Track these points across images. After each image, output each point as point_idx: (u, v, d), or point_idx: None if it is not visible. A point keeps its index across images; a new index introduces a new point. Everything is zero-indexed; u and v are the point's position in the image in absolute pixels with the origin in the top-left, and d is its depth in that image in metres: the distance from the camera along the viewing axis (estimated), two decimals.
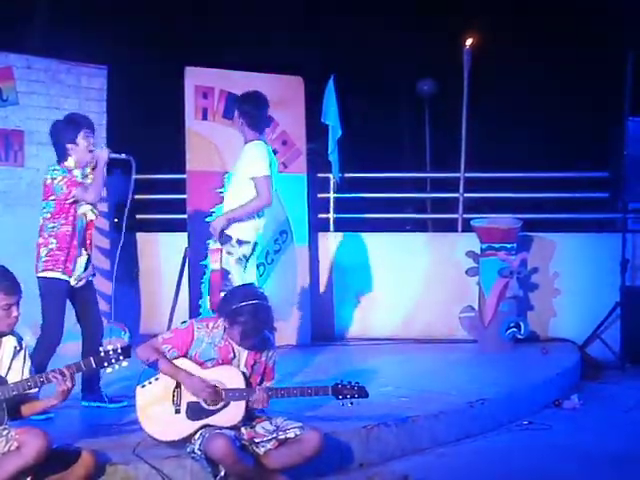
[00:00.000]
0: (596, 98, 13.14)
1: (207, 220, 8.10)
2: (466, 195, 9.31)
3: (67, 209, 5.89)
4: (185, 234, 8.39)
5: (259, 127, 6.46)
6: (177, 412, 4.99)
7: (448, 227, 9.69)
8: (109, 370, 4.76)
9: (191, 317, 7.69)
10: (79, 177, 5.95)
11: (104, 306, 6.91)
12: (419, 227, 10.95)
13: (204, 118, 8.37)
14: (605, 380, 7.91)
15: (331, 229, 9.33)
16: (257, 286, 5.58)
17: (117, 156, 6.04)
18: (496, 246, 8.28)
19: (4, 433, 4.46)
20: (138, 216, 9.09)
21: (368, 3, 14.95)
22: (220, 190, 8.19)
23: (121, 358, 4.70)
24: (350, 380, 5.17)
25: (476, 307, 8.43)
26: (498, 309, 8.28)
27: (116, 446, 5.05)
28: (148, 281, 9.06)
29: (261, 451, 4.94)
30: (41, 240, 5.92)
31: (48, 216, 5.90)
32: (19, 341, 4.71)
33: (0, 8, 11.59)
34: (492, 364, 7.70)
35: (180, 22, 14.70)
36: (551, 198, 9.86)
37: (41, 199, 5.97)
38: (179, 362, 5.04)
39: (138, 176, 6.14)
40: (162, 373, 5.02)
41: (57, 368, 4.60)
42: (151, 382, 5.05)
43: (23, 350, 4.71)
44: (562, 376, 7.46)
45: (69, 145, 5.93)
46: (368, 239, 9.12)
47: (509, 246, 8.31)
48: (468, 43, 9.43)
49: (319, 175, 9.25)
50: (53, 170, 5.90)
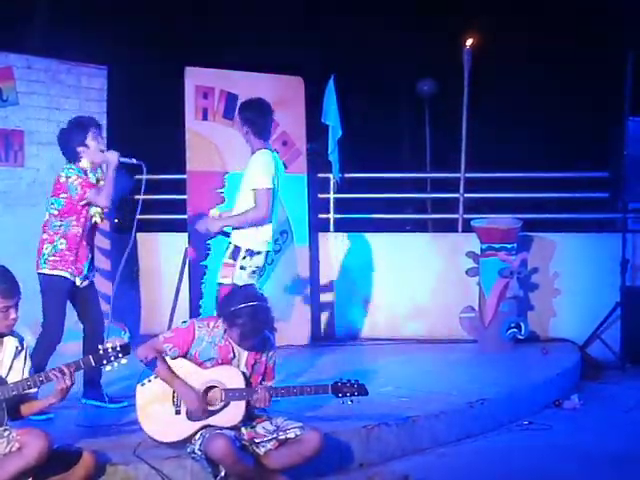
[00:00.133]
0: (596, 98, 13.14)
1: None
2: (466, 195, 9.29)
3: (79, 210, 5.88)
4: (185, 234, 8.39)
5: (265, 135, 6.38)
6: (177, 413, 4.99)
7: (448, 227, 9.68)
8: (108, 368, 4.76)
9: (191, 317, 7.68)
10: (92, 179, 5.95)
11: (104, 306, 6.90)
12: (419, 227, 10.94)
13: (204, 118, 8.36)
14: (605, 380, 7.90)
15: (331, 229, 9.32)
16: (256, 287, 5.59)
17: (128, 161, 6.01)
18: (496, 246, 8.28)
19: (5, 434, 4.46)
20: (138, 216, 9.07)
21: (368, 3, 14.95)
22: (220, 190, 8.20)
23: (120, 356, 4.70)
24: (349, 378, 5.17)
25: (476, 307, 8.43)
26: (498, 309, 8.27)
27: (116, 446, 5.06)
28: (148, 281, 9.05)
29: (261, 451, 4.95)
30: (46, 236, 5.89)
31: (55, 213, 5.87)
32: (20, 341, 4.71)
33: (0, 8, 11.60)
34: (492, 364, 7.69)
35: (180, 22, 14.70)
36: (551, 198, 9.86)
37: (50, 194, 5.94)
38: (178, 363, 5.04)
39: (138, 176, 6.14)
40: (159, 377, 5.01)
41: (56, 366, 4.60)
42: (150, 380, 5.05)
43: (24, 350, 4.71)
44: (562, 376, 7.45)
45: (80, 148, 5.90)
46: (368, 239, 9.11)
47: (509, 246, 8.30)
48: (468, 43, 9.42)
49: (319, 175, 9.24)
50: (69, 169, 5.87)
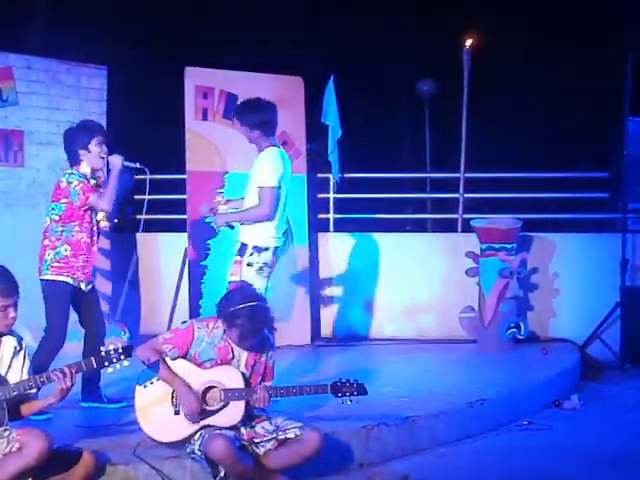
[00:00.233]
0: (596, 98, 13.14)
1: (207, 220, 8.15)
2: (466, 195, 9.29)
3: (81, 216, 5.86)
4: (185, 234, 8.39)
5: (274, 132, 6.38)
6: (176, 413, 4.98)
7: (448, 227, 9.68)
8: (110, 370, 4.76)
9: (191, 317, 7.69)
10: (93, 184, 5.94)
11: (104, 306, 6.91)
12: (419, 227, 10.94)
13: (204, 118, 8.36)
14: (605, 380, 7.90)
15: (331, 229, 9.32)
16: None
17: (131, 164, 6.03)
18: (496, 246, 8.28)
19: (5, 434, 4.46)
20: (138, 216, 9.10)
21: (368, 3, 14.95)
22: (220, 190, 8.19)
23: (122, 358, 4.70)
24: (349, 378, 5.16)
25: (476, 307, 8.43)
26: (498, 309, 8.27)
27: (116, 446, 5.06)
28: (148, 281, 9.05)
29: (261, 451, 4.95)
30: (47, 242, 5.87)
31: (57, 218, 5.85)
32: (19, 341, 4.71)
33: (0, 8, 11.60)
34: (492, 364, 7.69)
35: (180, 22, 14.70)
36: (551, 198, 9.85)
37: (50, 200, 5.94)
38: (178, 363, 5.03)
39: (138, 176, 6.14)
40: (160, 378, 5.01)
41: (58, 367, 4.60)
42: (152, 382, 5.04)
43: (23, 350, 4.71)
44: (562, 376, 7.45)
45: (81, 151, 5.89)
46: (368, 239, 9.11)
47: (509, 246, 8.30)
48: (468, 43, 9.41)
49: (319, 175, 9.24)
50: (70, 174, 5.86)
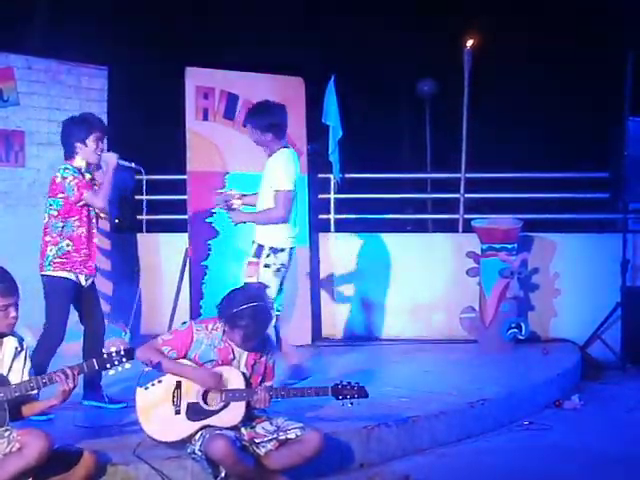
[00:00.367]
0: (596, 98, 13.14)
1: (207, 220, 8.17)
2: (467, 195, 9.29)
3: (79, 211, 5.88)
4: (186, 234, 8.39)
5: (285, 134, 6.40)
6: (177, 413, 4.99)
7: (449, 228, 9.67)
8: (112, 372, 4.75)
9: (192, 317, 7.70)
10: (87, 178, 5.94)
11: (104, 306, 6.91)
12: (419, 228, 10.92)
13: (205, 118, 8.36)
14: (606, 380, 7.90)
15: (332, 230, 9.31)
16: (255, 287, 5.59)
17: (126, 164, 6.05)
18: (497, 246, 8.27)
19: (6, 434, 4.46)
20: (138, 216, 9.10)
21: (368, 3, 14.96)
22: (221, 190, 8.18)
23: (124, 360, 4.69)
24: (350, 380, 5.17)
25: (477, 307, 8.43)
26: (499, 309, 8.27)
27: (117, 447, 5.06)
28: (149, 281, 9.04)
29: (262, 452, 4.95)
30: (48, 238, 5.88)
31: (55, 214, 5.87)
32: (20, 342, 4.71)
33: (0, 8, 11.60)
34: (493, 364, 7.69)
35: (180, 22, 14.71)
36: (552, 198, 9.83)
37: (47, 195, 5.94)
38: (179, 363, 5.04)
39: (138, 177, 6.15)
40: (166, 372, 5.00)
41: (60, 369, 4.60)
42: (154, 384, 5.04)
43: (24, 351, 4.71)
44: (563, 376, 7.45)
45: (78, 144, 5.90)
46: (369, 240, 9.10)
47: (510, 246, 8.30)
48: (468, 43, 9.40)
49: (320, 175, 9.23)
50: (65, 169, 5.87)
